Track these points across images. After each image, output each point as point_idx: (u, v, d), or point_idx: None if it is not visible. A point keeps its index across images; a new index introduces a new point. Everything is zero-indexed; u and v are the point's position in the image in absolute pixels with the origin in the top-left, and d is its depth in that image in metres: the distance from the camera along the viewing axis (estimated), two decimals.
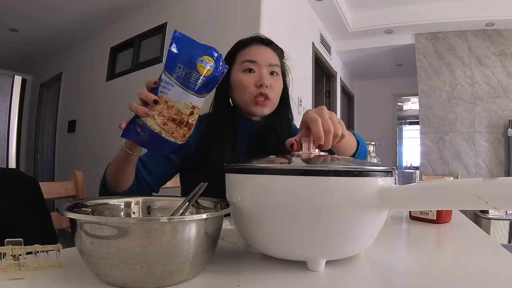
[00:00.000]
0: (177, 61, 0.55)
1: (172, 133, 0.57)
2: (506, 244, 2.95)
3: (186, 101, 0.56)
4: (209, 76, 0.56)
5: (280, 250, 0.43)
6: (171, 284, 0.36)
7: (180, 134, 0.58)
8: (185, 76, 0.55)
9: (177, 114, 0.56)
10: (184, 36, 0.56)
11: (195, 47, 0.56)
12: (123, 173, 0.71)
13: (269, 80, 0.85)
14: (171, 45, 0.55)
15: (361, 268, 0.44)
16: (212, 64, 0.56)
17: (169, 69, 0.55)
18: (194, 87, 0.56)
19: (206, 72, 0.56)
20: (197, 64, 0.55)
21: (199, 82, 0.55)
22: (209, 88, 0.58)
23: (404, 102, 6.79)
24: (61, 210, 0.38)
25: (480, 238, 0.65)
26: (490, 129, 3.56)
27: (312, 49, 3.35)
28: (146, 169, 0.82)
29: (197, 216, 0.36)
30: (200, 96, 0.57)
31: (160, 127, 0.56)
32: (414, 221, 0.79)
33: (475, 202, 0.34)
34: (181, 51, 0.55)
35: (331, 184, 0.39)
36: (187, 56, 0.55)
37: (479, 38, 3.64)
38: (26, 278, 0.37)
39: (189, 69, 0.55)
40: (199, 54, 0.56)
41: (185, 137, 0.59)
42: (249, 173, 0.43)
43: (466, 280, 0.40)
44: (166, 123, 0.56)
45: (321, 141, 0.48)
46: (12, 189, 0.67)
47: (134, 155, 0.67)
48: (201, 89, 0.57)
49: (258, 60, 0.86)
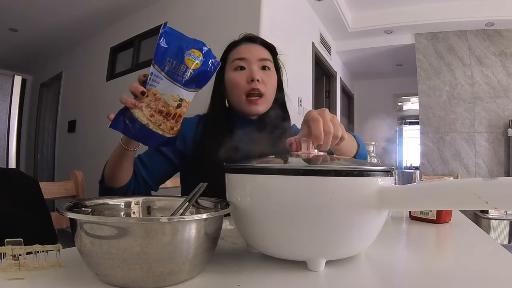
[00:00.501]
0: (165, 54, 0.56)
1: (159, 125, 0.58)
2: (506, 244, 2.95)
3: (173, 94, 0.57)
4: (198, 70, 0.57)
5: (280, 250, 0.43)
6: (171, 284, 0.36)
7: (167, 127, 0.59)
8: (173, 69, 0.56)
9: (164, 106, 0.57)
10: (173, 31, 0.57)
11: (184, 41, 0.57)
12: (120, 168, 0.72)
13: (260, 74, 0.85)
14: (160, 39, 0.56)
15: (361, 268, 0.44)
16: (201, 58, 0.57)
17: (158, 62, 0.56)
18: (182, 80, 0.56)
19: (194, 65, 0.56)
20: (185, 57, 0.56)
21: (187, 75, 0.56)
22: (200, 83, 0.59)
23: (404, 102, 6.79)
24: (61, 210, 0.38)
25: (480, 238, 0.65)
26: (490, 129, 3.56)
27: (312, 49, 3.35)
28: (144, 166, 0.83)
29: (197, 216, 0.36)
30: (189, 90, 0.58)
31: (148, 119, 0.58)
32: (414, 221, 0.79)
33: (475, 202, 0.34)
34: (170, 45, 0.56)
35: (331, 184, 0.39)
36: (175, 50, 0.56)
37: (479, 38, 3.64)
38: (26, 278, 0.37)
39: (177, 62, 0.56)
40: (188, 47, 0.57)
41: (172, 130, 0.60)
42: (249, 173, 0.43)
43: (466, 280, 0.40)
44: (153, 115, 0.57)
45: (320, 141, 0.49)
46: (12, 189, 0.67)
47: (130, 150, 0.68)
48: (189, 83, 0.57)
49: (247, 57, 0.86)
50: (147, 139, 0.60)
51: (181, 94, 0.58)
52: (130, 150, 0.68)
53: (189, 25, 2.67)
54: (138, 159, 0.83)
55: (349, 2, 3.55)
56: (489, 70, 3.60)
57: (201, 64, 0.57)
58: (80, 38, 3.90)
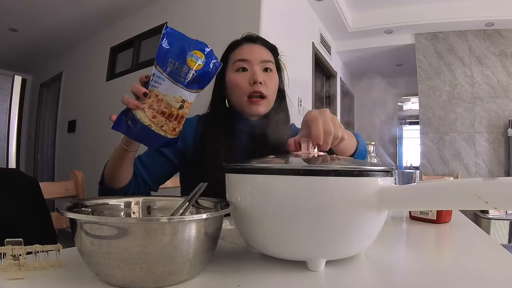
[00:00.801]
0: (168, 55, 0.56)
1: (161, 127, 0.58)
2: (506, 244, 2.95)
3: (175, 95, 0.57)
4: (200, 71, 0.57)
5: (280, 250, 0.43)
6: (171, 284, 0.36)
7: (170, 128, 0.59)
8: (175, 70, 0.56)
9: (167, 107, 0.57)
10: (175, 31, 0.57)
11: (186, 42, 0.57)
12: (120, 169, 0.72)
13: (262, 77, 0.85)
14: (162, 39, 0.56)
15: (361, 268, 0.44)
16: (203, 59, 0.57)
17: (160, 63, 0.56)
18: (184, 81, 0.56)
19: (196, 66, 0.56)
20: (187, 58, 0.56)
21: (189, 76, 0.56)
22: (202, 84, 0.59)
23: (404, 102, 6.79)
24: (61, 210, 0.38)
25: (480, 238, 0.65)
26: (490, 129, 3.56)
27: (312, 49, 3.35)
28: (144, 167, 0.83)
29: (197, 216, 0.36)
30: (191, 91, 0.58)
31: (150, 120, 0.57)
32: (414, 221, 0.79)
33: (475, 202, 0.34)
34: (172, 46, 0.56)
35: (331, 184, 0.39)
36: (177, 51, 0.56)
37: (479, 38, 3.64)
38: (26, 278, 0.37)
39: (179, 63, 0.56)
40: (190, 48, 0.56)
41: (175, 131, 0.59)
42: (249, 173, 0.43)
43: (466, 280, 0.40)
44: (155, 116, 0.57)
45: (320, 141, 0.48)
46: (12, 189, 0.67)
47: (130, 151, 0.68)
48: (192, 84, 0.57)
49: (249, 58, 0.86)
50: (149, 140, 0.60)
51: (183, 95, 0.57)
52: (130, 151, 0.68)
53: (189, 25, 2.67)
54: (138, 160, 0.83)
55: (349, 2, 3.55)
56: (489, 70, 3.60)
57: (203, 65, 0.57)
58: (80, 38, 3.90)
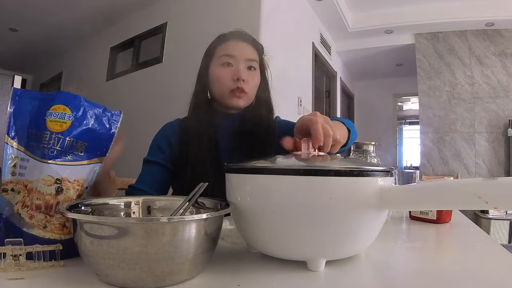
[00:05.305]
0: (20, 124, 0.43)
1: (44, 227, 0.42)
2: (506, 244, 2.95)
3: (43, 176, 0.42)
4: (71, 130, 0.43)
5: (280, 250, 0.43)
6: (171, 284, 0.36)
7: (57, 226, 0.42)
8: (35, 142, 0.43)
9: (39, 197, 0.42)
10: (24, 91, 0.45)
11: (39, 99, 0.45)
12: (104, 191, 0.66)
13: (245, 75, 0.86)
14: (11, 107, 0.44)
15: (361, 268, 0.44)
16: (69, 113, 0.43)
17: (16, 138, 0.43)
18: (52, 152, 0.42)
19: (62, 127, 0.43)
20: (46, 120, 0.43)
21: (55, 143, 0.42)
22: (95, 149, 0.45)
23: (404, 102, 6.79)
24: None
25: (480, 238, 0.65)
26: (490, 129, 3.56)
27: (312, 49, 3.35)
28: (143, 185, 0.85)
29: (197, 216, 0.36)
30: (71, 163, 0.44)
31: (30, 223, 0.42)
32: (414, 221, 0.79)
33: (475, 202, 0.34)
34: (24, 110, 0.44)
35: (331, 184, 0.39)
36: (33, 114, 0.44)
37: (479, 38, 3.64)
38: (26, 278, 0.37)
39: (36, 130, 0.43)
40: (46, 106, 0.44)
41: (66, 228, 0.42)
42: (249, 173, 0.43)
43: (466, 280, 0.40)
44: (32, 215, 0.42)
45: (320, 142, 0.49)
46: None
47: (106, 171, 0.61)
48: (65, 153, 0.43)
49: (236, 55, 0.87)
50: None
51: (56, 173, 0.42)
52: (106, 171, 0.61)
53: (189, 25, 2.67)
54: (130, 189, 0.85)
55: (349, 2, 3.55)
56: (489, 70, 3.60)
57: (72, 121, 0.43)
58: (80, 38, 3.90)
